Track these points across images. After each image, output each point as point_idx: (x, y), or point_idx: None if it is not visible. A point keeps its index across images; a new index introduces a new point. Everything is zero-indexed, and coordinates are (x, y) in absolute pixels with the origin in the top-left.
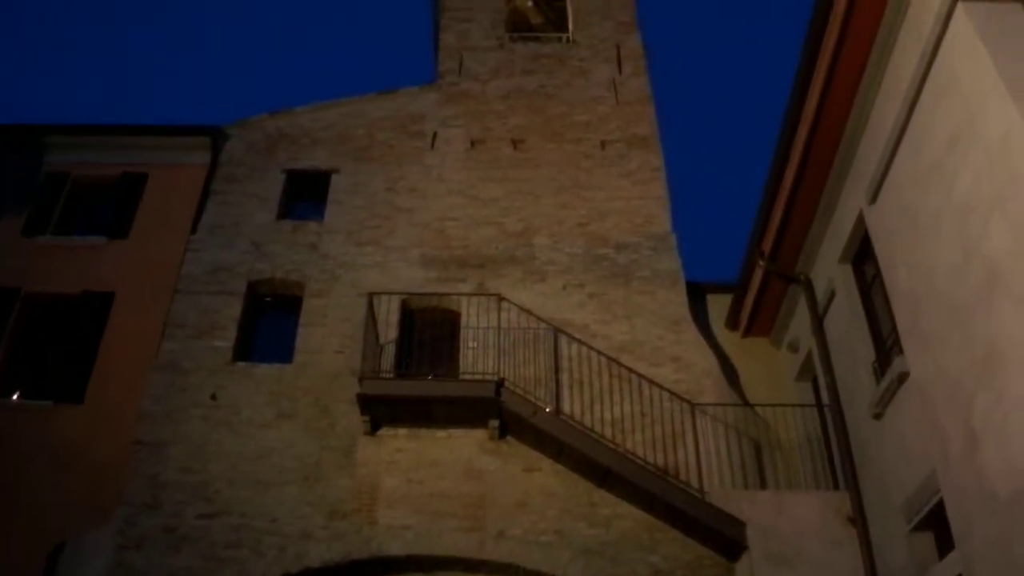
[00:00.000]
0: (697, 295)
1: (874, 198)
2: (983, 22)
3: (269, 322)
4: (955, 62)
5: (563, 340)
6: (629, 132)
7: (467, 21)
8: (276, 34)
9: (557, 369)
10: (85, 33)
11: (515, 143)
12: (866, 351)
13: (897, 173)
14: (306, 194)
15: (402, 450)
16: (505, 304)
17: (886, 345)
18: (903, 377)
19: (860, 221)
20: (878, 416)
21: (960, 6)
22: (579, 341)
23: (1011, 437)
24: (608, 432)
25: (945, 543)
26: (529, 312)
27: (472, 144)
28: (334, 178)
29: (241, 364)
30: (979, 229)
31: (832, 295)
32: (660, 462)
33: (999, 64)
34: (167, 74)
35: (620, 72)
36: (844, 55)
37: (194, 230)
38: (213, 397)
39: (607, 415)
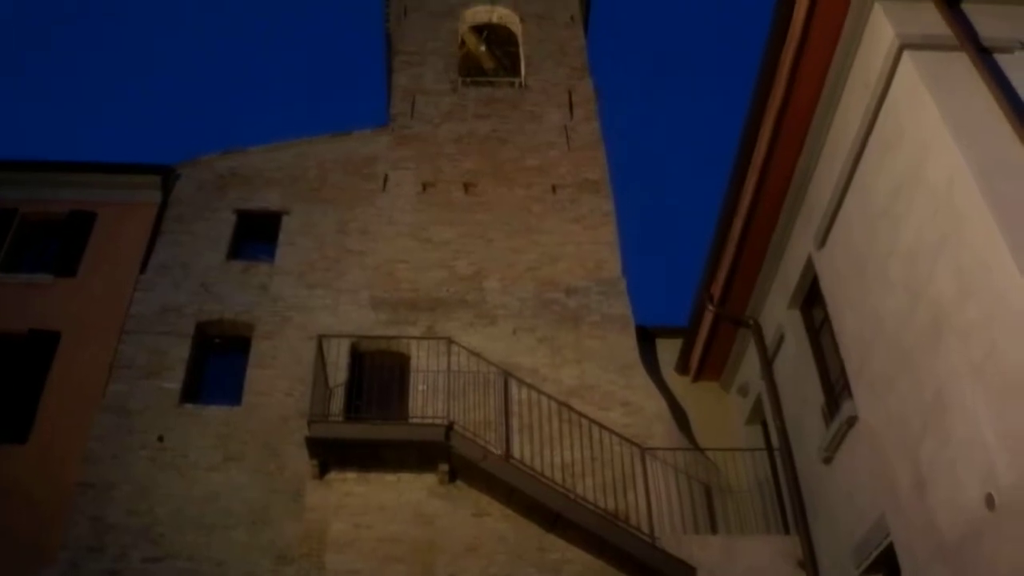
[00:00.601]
0: (647, 339)
1: (822, 243)
2: (928, 69)
3: (218, 364)
4: (901, 108)
5: (513, 384)
6: (580, 177)
7: (420, 65)
8: (229, 72)
9: (507, 413)
10: (33, 68)
11: (467, 186)
12: (815, 395)
13: (845, 218)
14: (257, 235)
15: (351, 494)
16: (455, 347)
17: (835, 389)
18: (852, 421)
19: (809, 265)
20: (828, 460)
21: (906, 54)
22: (529, 385)
23: (958, 480)
24: (558, 476)
25: None
26: (479, 356)
27: (424, 187)
28: (285, 219)
29: (189, 406)
30: (925, 273)
31: (781, 339)
32: (611, 506)
33: (944, 110)
34: (117, 111)
35: (572, 117)
36: (793, 102)
37: (143, 270)
38: (160, 439)
39: (557, 459)
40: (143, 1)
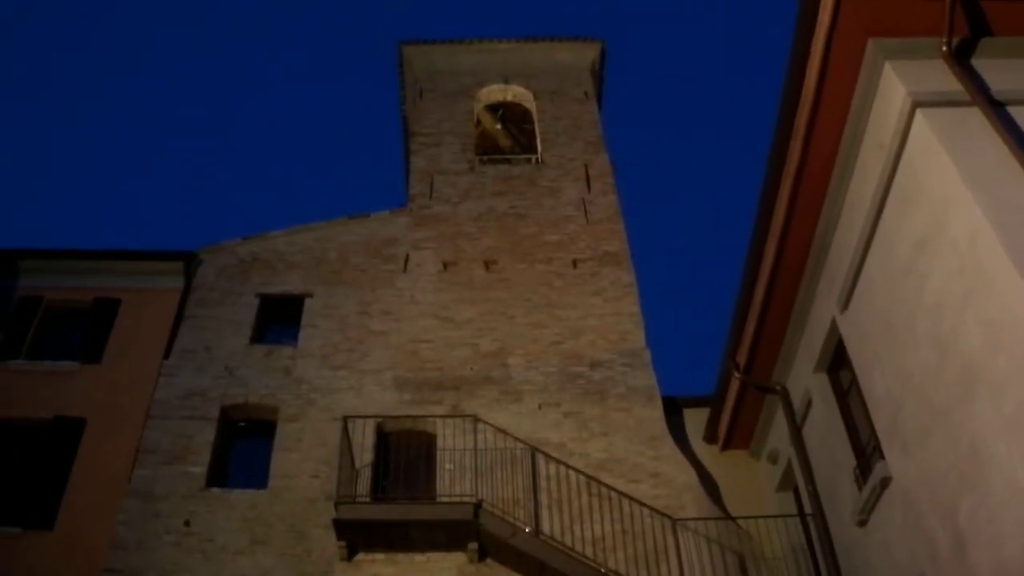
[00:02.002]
0: (674, 410)
1: (846, 305)
2: (942, 126)
3: (243, 447)
4: (918, 166)
5: (540, 460)
6: (600, 250)
7: (437, 145)
8: (248, 158)
9: (535, 489)
10: (57, 156)
11: (487, 264)
12: (846, 458)
13: (868, 279)
14: (280, 318)
15: (380, 575)
16: (481, 425)
17: (866, 451)
18: (886, 482)
19: (833, 329)
20: (862, 523)
21: (919, 112)
22: (557, 460)
23: (999, 536)
24: (589, 551)
25: None
26: (505, 432)
27: (444, 266)
28: (307, 302)
29: (215, 490)
30: (952, 327)
31: (809, 404)
32: None
33: (961, 166)
34: (136, 195)
35: (589, 191)
36: (809, 165)
37: (167, 355)
38: (186, 523)
39: (587, 534)
40: (162, 87)
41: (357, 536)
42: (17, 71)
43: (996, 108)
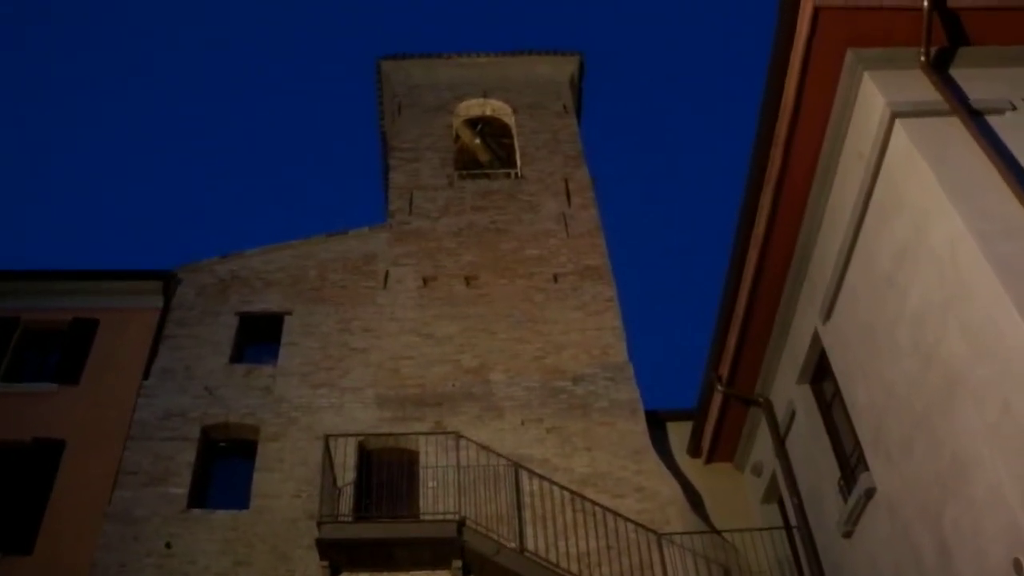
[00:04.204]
0: (657, 423)
1: (828, 315)
2: (922, 136)
3: (224, 467)
4: (898, 176)
5: (524, 476)
6: (581, 264)
7: (416, 160)
8: (226, 175)
9: (519, 505)
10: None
11: (468, 280)
12: (831, 469)
13: (849, 289)
14: (259, 337)
15: None
16: (464, 442)
17: (851, 462)
18: (870, 493)
19: (816, 340)
20: (848, 534)
21: (898, 122)
22: (540, 476)
23: (983, 545)
24: (574, 567)
25: None
26: (488, 449)
27: (424, 282)
28: (287, 320)
29: (196, 511)
30: (934, 336)
31: (793, 415)
32: None
33: (940, 176)
34: (117, 216)
35: (569, 205)
36: (789, 175)
37: (146, 375)
38: (168, 546)
39: (572, 550)
40: (140, 105)
41: (340, 556)
42: None
43: (975, 117)
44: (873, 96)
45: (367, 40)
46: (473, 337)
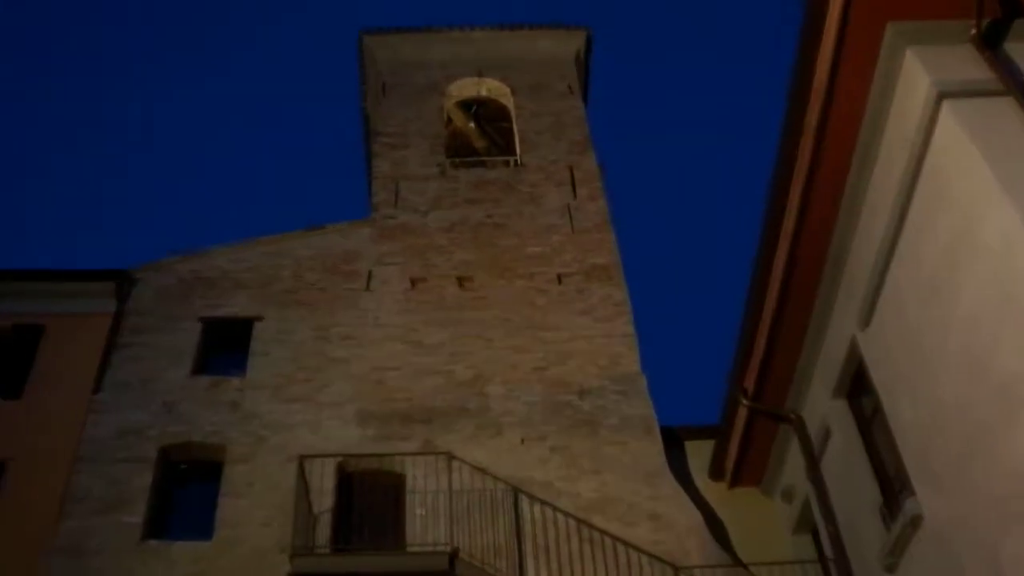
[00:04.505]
0: (674, 442)
1: (867, 322)
2: (972, 119)
3: (185, 493)
4: (945, 164)
5: (524, 501)
6: (588, 263)
7: (403, 147)
8: (188, 163)
9: (519, 535)
10: None
11: (461, 281)
12: (872, 495)
13: (891, 291)
14: (226, 345)
15: None
16: (456, 463)
17: (894, 486)
18: (916, 521)
19: (853, 349)
20: (891, 568)
21: (946, 103)
22: (543, 502)
23: None
24: None
25: None
26: (484, 471)
27: (413, 284)
28: (257, 326)
29: (153, 543)
30: (989, 342)
31: (828, 433)
32: None
33: (992, 162)
34: (66, 211)
35: (575, 197)
36: (823, 165)
37: (98, 389)
38: None
39: None
40: (87, 83)
41: None
42: None
43: None
44: (917, 75)
45: (349, 12)
46: (467, 345)
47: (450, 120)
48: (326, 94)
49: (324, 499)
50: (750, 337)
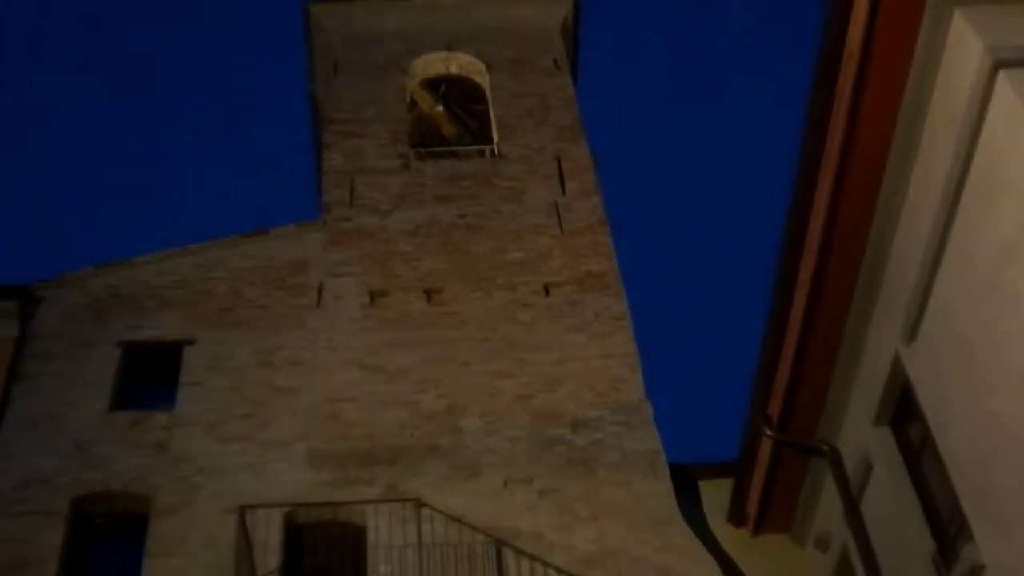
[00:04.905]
0: (686, 482)
1: (912, 335)
2: None
3: (103, 552)
4: (1003, 145)
5: (509, 556)
6: (580, 270)
7: (358, 135)
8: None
9: None
10: None
11: (430, 293)
12: (922, 540)
13: (940, 299)
14: (150, 374)
15: None
16: (427, 512)
17: (949, 530)
18: (977, 571)
19: (897, 367)
20: None
21: (1002, 74)
22: (531, 556)
23: None
24: None
25: None
26: (460, 521)
27: (372, 298)
28: (188, 351)
29: None
30: None
31: (869, 468)
32: None
33: None
34: None
35: (564, 192)
36: (856, 152)
37: None
38: None
39: None
40: None
41: None
42: None
43: None
44: (967, 40)
45: None
46: (438, 371)
47: (414, 103)
48: (267, 73)
49: (270, 557)
50: (773, 356)
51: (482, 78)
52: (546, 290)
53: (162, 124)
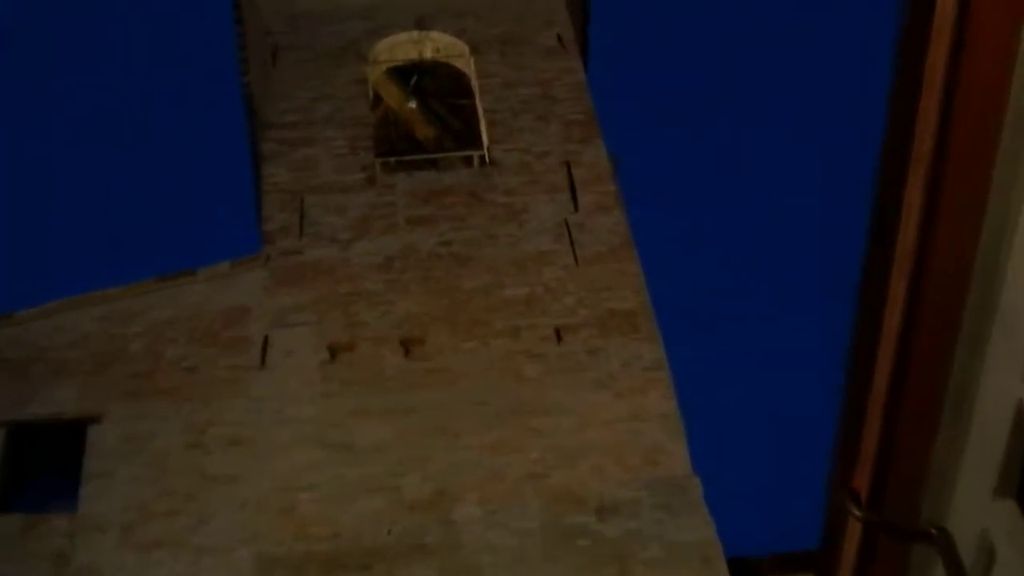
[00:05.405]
0: None
1: None
2: None
3: None
4: None
5: None
6: (601, 308)
7: (307, 144)
8: None
9: None
10: None
11: (407, 345)
12: None
13: None
14: (45, 463)
15: None
16: None
17: None
18: None
19: (1021, 420)
20: None
21: None
22: None
23: None
24: None
25: None
26: None
27: (333, 353)
28: (94, 432)
29: None
30: None
31: (991, 554)
32: None
33: None
34: None
35: (576, 207)
36: (952, 146)
37: None
38: None
39: None
40: None
41: None
42: None
43: None
44: None
45: None
46: (422, 446)
47: (379, 99)
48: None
49: None
50: (857, 412)
51: (465, 63)
52: (558, 335)
53: (44, 128)
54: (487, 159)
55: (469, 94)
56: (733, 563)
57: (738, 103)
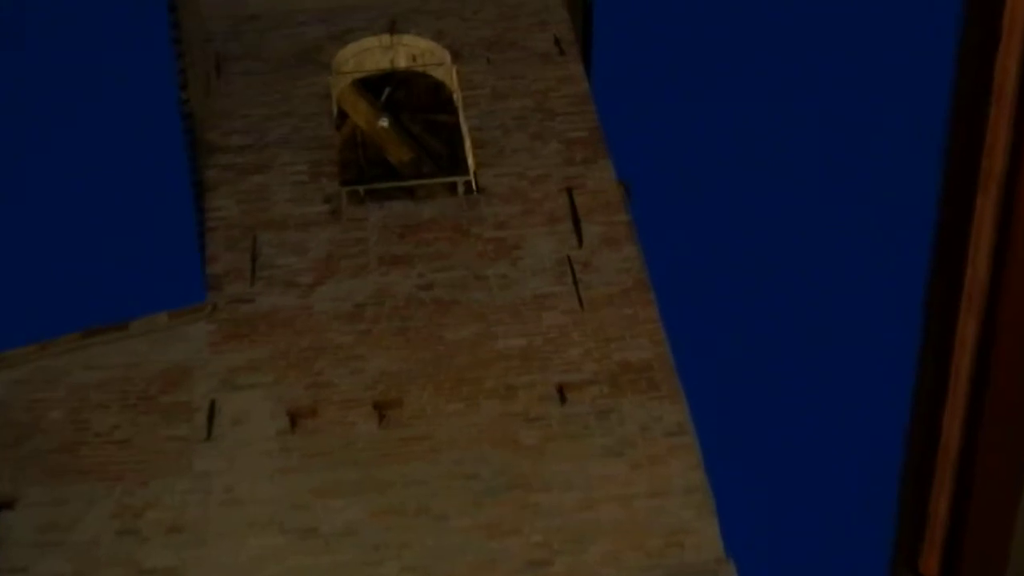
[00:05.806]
0: None
1: None
2: None
3: None
4: None
5: None
6: (612, 361)
7: (261, 170)
8: None
9: None
10: None
11: (382, 409)
12: None
13: None
14: None
15: None
16: None
17: None
18: None
19: None
20: None
21: None
22: None
23: None
24: None
25: None
26: None
27: (293, 420)
28: (5, 519)
29: None
30: None
31: None
32: None
33: None
34: None
35: (580, 242)
36: None
37: None
38: None
39: None
40: None
41: None
42: None
43: None
44: None
45: None
46: (400, 529)
47: (344, 116)
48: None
49: None
50: (922, 481)
51: (447, 73)
52: (561, 394)
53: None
54: (474, 186)
55: (451, 109)
56: None
57: (773, 116)
